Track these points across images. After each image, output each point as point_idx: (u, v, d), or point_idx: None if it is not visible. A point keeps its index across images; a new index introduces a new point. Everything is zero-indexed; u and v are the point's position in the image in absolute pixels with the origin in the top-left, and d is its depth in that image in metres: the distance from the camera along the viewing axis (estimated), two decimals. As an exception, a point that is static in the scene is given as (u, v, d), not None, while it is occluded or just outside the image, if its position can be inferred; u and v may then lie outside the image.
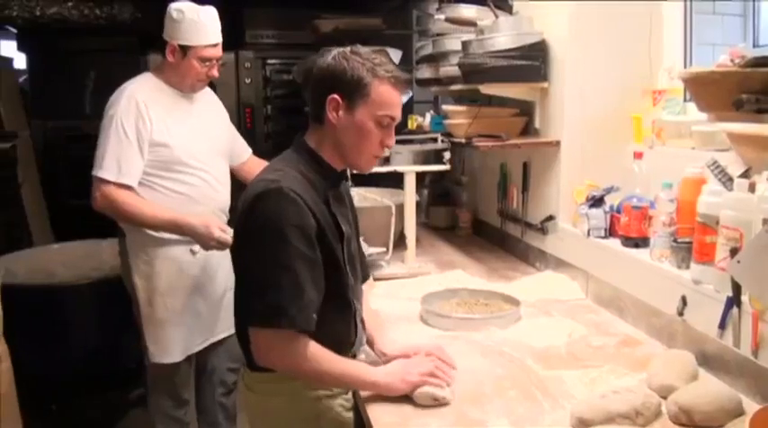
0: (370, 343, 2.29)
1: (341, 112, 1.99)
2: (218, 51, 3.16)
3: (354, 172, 2.37)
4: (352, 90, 1.96)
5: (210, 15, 3.10)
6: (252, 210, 1.91)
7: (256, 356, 1.92)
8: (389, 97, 1.98)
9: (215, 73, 3.19)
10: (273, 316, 1.84)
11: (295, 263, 1.85)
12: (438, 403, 1.96)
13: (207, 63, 3.12)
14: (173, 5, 3.07)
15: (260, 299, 1.87)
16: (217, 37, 3.14)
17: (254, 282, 1.90)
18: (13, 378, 3.39)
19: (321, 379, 1.99)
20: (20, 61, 7.12)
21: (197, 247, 3.13)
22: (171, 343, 3.20)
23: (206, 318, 3.24)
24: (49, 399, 4.35)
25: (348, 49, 2.01)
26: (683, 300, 2.22)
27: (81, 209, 6.50)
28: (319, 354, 1.92)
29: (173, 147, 3.08)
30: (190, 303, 3.19)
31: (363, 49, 2.02)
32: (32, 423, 3.70)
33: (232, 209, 3.21)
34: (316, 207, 1.94)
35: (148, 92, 3.12)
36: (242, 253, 2.00)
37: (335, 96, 1.97)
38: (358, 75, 1.95)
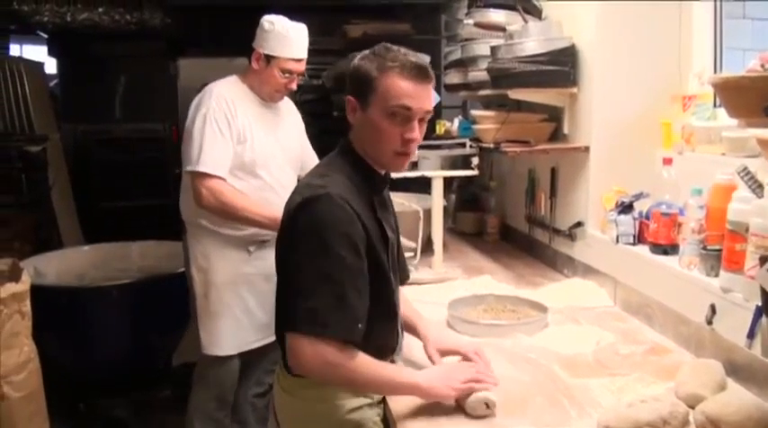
0: (412, 329, 2.27)
1: (357, 113, 1.98)
2: (301, 67, 3.28)
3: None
4: (362, 88, 1.94)
5: (299, 32, 3.24)
6: (298, 216, 1.89)
7: (291, 361, 1.87)
8: (397, 87, 1.91)
9: (293, 86, 3.33)
10: (312, 323, 1.81)
11: (340, 273, 1.82)
12: (489, 411, 1.93)
13: (287, 75, 3.24)
14: (266, 17, 3.22)
15: (301, 306, 1.83)
16: (301, 53, 3.26)
17: (298, 288, 1.86)
18: (42, 377, 3.44)
19: (356, 387, 1.96)
20: (50, 66, 7.21)
21: (253, 247, 3.27)
22: (223, 337, 3.28)
23: (260, 318, 3.30)
24: (76, 398, 4.39)
25: (373, 48, 1.99)
26: (712, 309, 2.19)
27: (111, 211, 6.66)
28: (359, 362, 1.87)
29: (249, 149, 3.20)
30: (244, 300, 3.29)
31: (386, 47, 1.98)
32: (60, 421, 3.76)
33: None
34: (363, 213, 1.92)
35: (235, 92, 3.26)
36: (287, 257, 1.96)
37: (350, 98, 1.98)
38: (365, 72, 1.94)
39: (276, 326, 2.06)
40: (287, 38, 3.20)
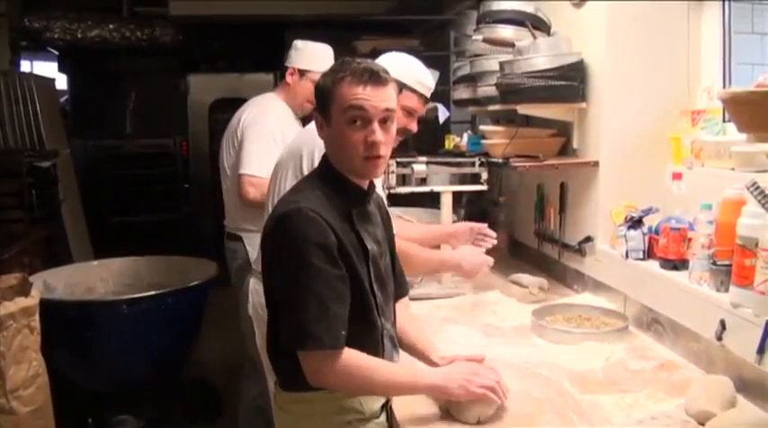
0: (422, 356, 2.22)
1: (324, 129, 2.00)
2: None
3: (391, 191, 2.32)
4: (323, 103, 1.96)
5: (325, 50, 3.81)
6: (273, 233, 1.92)
7: (309, 378, 1.88)
8: (348, 92, 1.90)
9: None
10: (301, 338, 1.83)
11: (318, 284, 1.83)
12: (479, 422, 1.94)
13: None
14: (298, 41, 3.87)
15: (287, 322, 1.87)
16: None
17: (281, 305, 1.90)
18: (50, 391, 3.44)
19: (373, 391, 1.97)
20: (61, 82, 7.28)
21: None
22: None
23: None
24: (86, 413, 4.38)
25: (332, 64, 2.03)
26: (722, 324, 2.18)
27: (121, 225, 6.70)
28: (364, 366, 1.90)
29: None
30: None
31: (343, 61, 1.98)
32: (68, 435, 3.75)
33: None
34: (336, 225, 1.91)
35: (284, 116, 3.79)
36: (267, 273, 2.00)
37: (317, 115, 2.01)
38: (322, 86, 1.96)
39: (267, 341, 2.06)
40: (317, 53, 3.73)
